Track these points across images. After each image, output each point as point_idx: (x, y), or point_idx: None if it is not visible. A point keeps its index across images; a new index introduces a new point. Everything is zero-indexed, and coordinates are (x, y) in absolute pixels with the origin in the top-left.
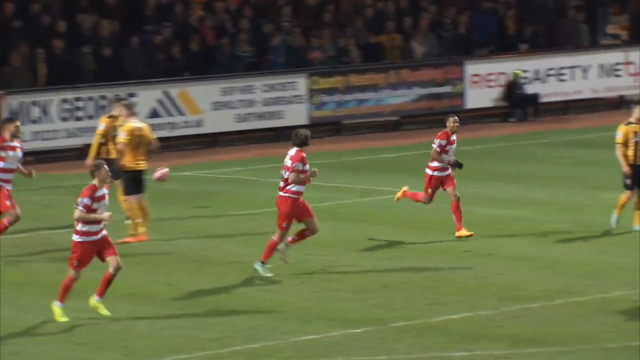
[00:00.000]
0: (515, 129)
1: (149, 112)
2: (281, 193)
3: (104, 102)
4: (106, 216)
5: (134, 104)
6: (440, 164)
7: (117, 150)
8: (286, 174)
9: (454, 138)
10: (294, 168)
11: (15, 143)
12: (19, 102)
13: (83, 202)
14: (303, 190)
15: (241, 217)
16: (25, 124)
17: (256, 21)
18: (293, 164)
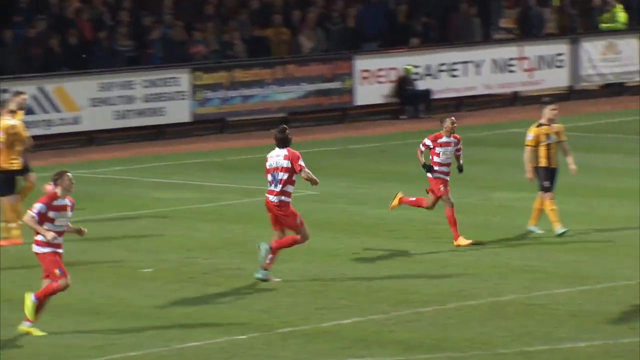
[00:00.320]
0: (406, 126)
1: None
2: (280, 197)
3: None
4: (50, 236)
5: (13, 100)
6: (438, 167)
7: None
8: (280, 175)
9: (448, 140)
10: (301, 165)
11: None
12: None
13: (37, 207)
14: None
15: (120, 220)
16: None
17: (136, 13)
18: (296, 162)
